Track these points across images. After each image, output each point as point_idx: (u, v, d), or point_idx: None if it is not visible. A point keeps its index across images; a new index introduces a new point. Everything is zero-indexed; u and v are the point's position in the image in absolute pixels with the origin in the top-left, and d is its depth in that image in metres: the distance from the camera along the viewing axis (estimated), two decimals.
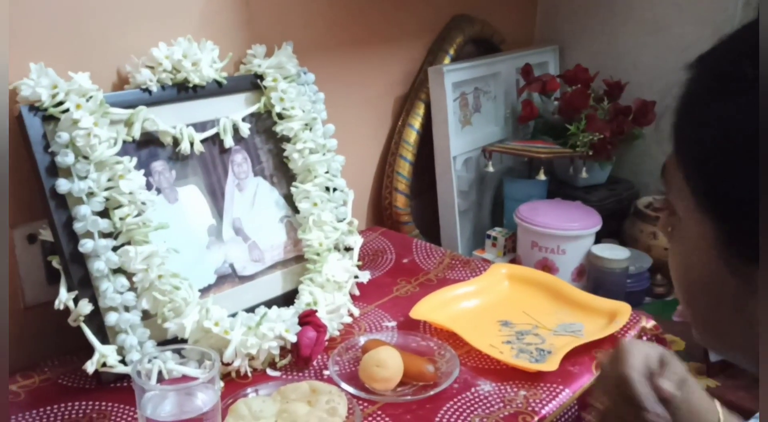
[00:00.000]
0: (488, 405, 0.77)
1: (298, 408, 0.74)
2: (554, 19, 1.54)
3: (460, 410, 0.76)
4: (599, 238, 1.18)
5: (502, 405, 0.77)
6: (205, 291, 0.89)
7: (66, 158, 0.78)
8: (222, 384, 0.76)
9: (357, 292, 0.99)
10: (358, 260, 1.01)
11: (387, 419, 0.75)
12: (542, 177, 1.25)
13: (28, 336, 0.86)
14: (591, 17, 1.48)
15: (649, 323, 0.94)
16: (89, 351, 0.79)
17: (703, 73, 0.41)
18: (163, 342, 0.83)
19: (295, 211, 0.99)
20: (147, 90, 0.88)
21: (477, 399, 0.78)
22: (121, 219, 0.80)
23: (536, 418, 0.75)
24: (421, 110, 1.26)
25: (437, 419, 0.75)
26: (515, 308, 0.97)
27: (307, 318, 0.86)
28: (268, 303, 0.93)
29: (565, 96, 1.32)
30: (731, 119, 0.38)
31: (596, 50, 1.47)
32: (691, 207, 0.42)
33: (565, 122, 1.30)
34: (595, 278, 1.12)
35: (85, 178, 0.79)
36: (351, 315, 0.95)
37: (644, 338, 0.92)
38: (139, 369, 0.68)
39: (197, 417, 0.66)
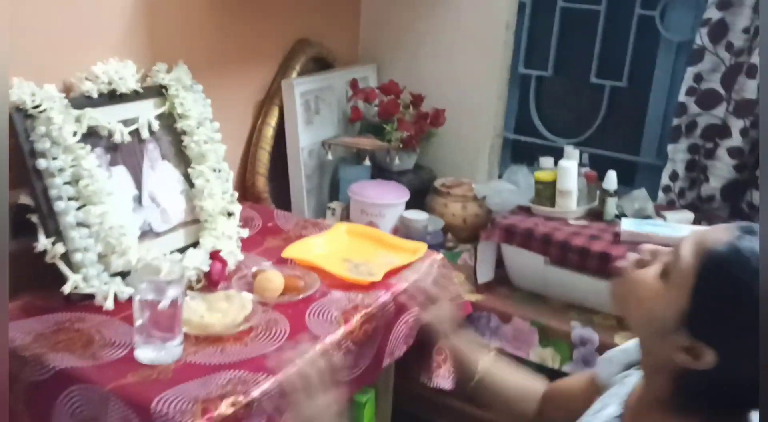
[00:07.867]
0: (339, 304, 1.46)
1: (221, 305, 1.37)
2: (373, 44, 2.29)
3: (323, 308, 1.44)
4: (408, 207, 1.93)
5: (347, 302, 1.46)
6: None
7: (43, 145, 1.33)
8: None
9: (240, 244, 1.63)
10: (239, 222, 1.65)
11: (276, 313, 1.41)
12: (367, 163, 1.98)
13: None
14: (401, 45, 2.25)
15: (438, 257, 1.70)
16: (51, 286, 1.34)
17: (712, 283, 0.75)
18: (114, 274, 1.41)
19: (192, 185, 1.61)
20: (89, 96, 1.45)
21: (331, 301, 1.46)
22: (83, 187, 1.37)
23: (369, 309, 1.46)
24: (275, 112, 1.93)
25: (308, 312, 1.42)
26: (353, 250, 1.67)
27: (214, 256, 1.49)
28: (177, 252, 1.53)
29: (383, 104, 2.05)
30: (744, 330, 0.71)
31: (404, 69, 2.24)
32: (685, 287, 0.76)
33: (382, 123, 2.03)
34: (404, 234, 1.87)
35: (56, 158, 1.35)
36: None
37: (435, 267, 1.67)
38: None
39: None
